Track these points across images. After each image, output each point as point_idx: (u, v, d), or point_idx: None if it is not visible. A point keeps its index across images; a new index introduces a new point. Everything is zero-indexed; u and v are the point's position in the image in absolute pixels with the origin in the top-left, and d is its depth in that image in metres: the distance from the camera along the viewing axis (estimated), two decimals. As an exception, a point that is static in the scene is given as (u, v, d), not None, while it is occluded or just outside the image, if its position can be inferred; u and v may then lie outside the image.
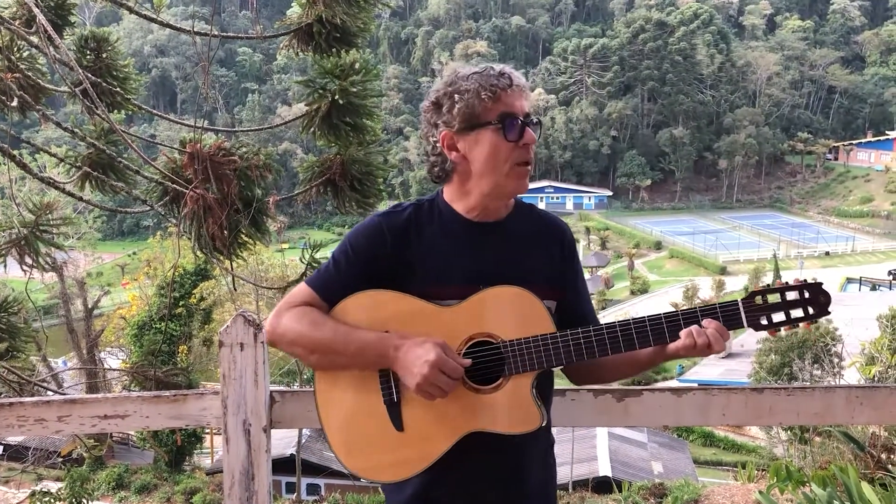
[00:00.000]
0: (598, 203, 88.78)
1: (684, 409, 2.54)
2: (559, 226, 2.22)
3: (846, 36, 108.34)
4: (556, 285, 2.14)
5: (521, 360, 1.98)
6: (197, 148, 4.31)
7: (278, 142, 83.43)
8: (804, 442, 13.80)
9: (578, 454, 20.35)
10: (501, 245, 2.09)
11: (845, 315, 33.84)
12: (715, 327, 1.99)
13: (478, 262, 2.06)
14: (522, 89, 2.03)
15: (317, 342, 2.02)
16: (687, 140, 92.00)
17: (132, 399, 2.66)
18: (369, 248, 2.08)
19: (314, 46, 4.87)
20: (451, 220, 2.10)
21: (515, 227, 2.13)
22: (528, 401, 1.98)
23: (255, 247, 5.02)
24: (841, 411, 2.56)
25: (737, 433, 29.61)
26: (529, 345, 1.98)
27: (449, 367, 1.92)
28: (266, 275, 22.27)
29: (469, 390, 1.99)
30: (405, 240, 2.07)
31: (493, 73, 2.01)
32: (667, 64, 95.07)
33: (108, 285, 44.09)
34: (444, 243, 2.08)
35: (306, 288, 2.11)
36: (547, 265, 2.14)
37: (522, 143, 2.01)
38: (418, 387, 1.93)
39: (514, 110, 2.00)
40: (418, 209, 2.13)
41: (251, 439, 2.60)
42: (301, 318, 2.05)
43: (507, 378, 1.99)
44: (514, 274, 2.04)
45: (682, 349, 2.00)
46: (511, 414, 1.99)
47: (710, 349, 1.97)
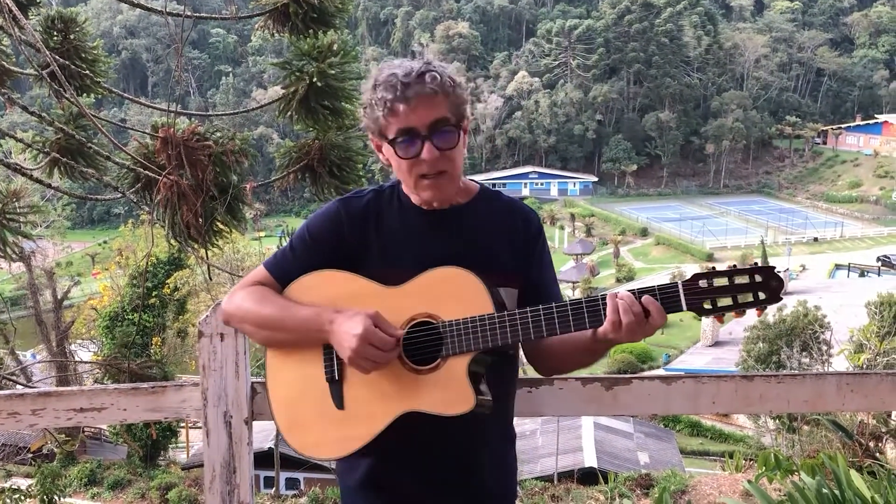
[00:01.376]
0: (583, 189, 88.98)
1: (674, 397, 2.56)
2: (521, 212, 2.22)
3: (835, 17, 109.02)
4: (516, 272, 2.14)
5: (458, 340, 1.98)
6: (170, 133, 4.27)
7: (254, 126, 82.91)
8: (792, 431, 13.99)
9: (563, 445, 20.47)
10: (456, 232, 2.12)
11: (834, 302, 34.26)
12: (647, 302, 1.92)
13: (429, 248, 2.09)
14: (428, 97, 1.98)
15: (262, 318, 2.08)
16: (673, 124, 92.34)
17: (109, 391, 2.65)
18: (326, 233, 2.13)
19: (290, 27, 4.85)
20: (407, 207, 2.14)
21: (474, 215, 2.15)
22: (462, 382, 1.97)
23: (231, 235, 5.00)
24: (831, 398, 2.58)
25: (724, 422, 29.90)
26: (466, 325, 1.98)
27: (377, 338, 1.93)
28: (242, 264, 22.19)
29: (408, 370, 2.01)
30: (363, 226, 2.13)
31: (391, 84, 1.98)
32: (653, 46, 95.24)
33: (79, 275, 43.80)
34: (400, 230, 2.12)
35: (262, 269, 2.17)
36: (505, 252, 2.14)
37: (421, 159, 2.01)
38: (350, 360, 1.96)
39: (410, 124, 1.99)
40: (378, 195, 2.18)
41: (232, 431, 2.60)
42: (251, 296, 2.12)
43: (444, 359, 1.99)
44: (468, 261, 2.04)
45: (609, 330, 1.94)
46: (444, 395, 1.98)
47: (636, 331, 1.92)
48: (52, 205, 35.60)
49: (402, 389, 2.01)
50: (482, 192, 2.21)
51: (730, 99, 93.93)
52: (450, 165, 2.04)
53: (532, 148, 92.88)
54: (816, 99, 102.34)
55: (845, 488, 3.51)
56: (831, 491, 3.55)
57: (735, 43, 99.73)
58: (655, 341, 40.90)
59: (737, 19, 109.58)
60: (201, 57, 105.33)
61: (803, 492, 3.55)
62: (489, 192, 2.23)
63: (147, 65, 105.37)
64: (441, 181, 2.04)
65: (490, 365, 2.06)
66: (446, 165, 2.03)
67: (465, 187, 2.19)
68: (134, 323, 22.53)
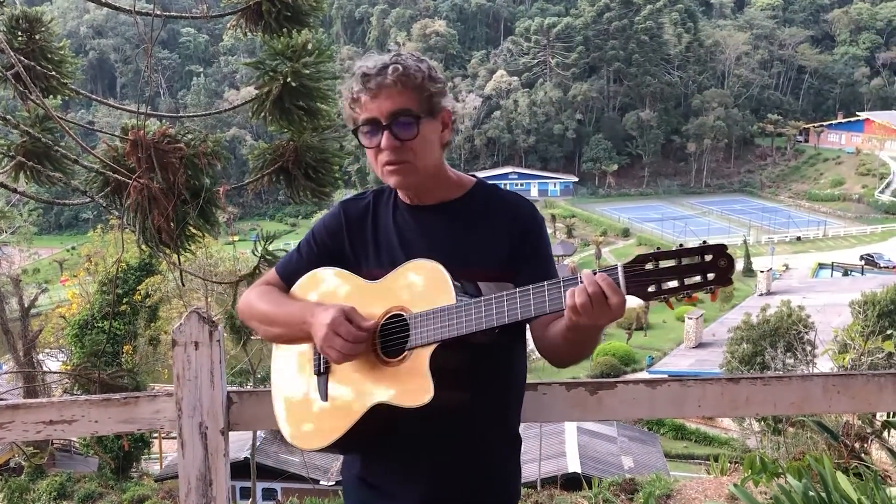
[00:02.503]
0: (563, 189, 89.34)
1: (659, 401, 2.57)
2: (515, 204, 2.23)
3: (815, 14, 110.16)
4: (507, 267, 2.14)
5: (422, 332, 2.02)
6: (140, 135, 4.24)
7: (226, 127, 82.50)
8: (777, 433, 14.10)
9: (546, 450, 20.51)
10: (442, 227, 2.18)
11: (818, 301, 34.62)
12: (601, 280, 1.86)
13: (417, 245, 2.17)
14: (390, 87, 2.06)
15: (262, 314, 2.26)
16: (654, 123, 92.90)
17: (79, 403, 2.62)
18: (327, 235, 2.29)
19: (263, 26, 4.82)
20: (400, 205, 2.24)
21: (463, 209, 2.20)
22: (422, 373, 1.99)
23: (204, 239, 4.97)
24: (818, 401, 2.60)
25: (709, 425, 30.09)
26: (428, 316, 2.02)
27: (343, 329, 2.01)
28: (216, 269, 22.04)
29: (381, 363, 2.08)
30: (360, 226, 2.26)
31: (359, 76, 2.09)
32: (633, 44, 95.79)
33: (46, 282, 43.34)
34: (392, 229, 2.22)
35: (272, 271, 2.36)
36: (495, 246, 2.16)
37: (381, 148, 2.10)
38: (321, 350, 2.08)
39: (371, 115, 2.09)
40: (378, 196, 2.30)
41: (208, 443, 2.58)
42: (257, 294, 2.30)
43: (411, 351, 2.04)
44: (455, 255, 2.10)
45: (571, 315, 1.89)
46: (406, 386, 2.02)
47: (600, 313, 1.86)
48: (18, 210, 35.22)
49: (374, 382, 2.07)
50: (477, 187, 2.26)
51: (711, 97, 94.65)
52: (412, 155, 2.10)
53: (511, 148, 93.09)
54: (798, 96, 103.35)
55: (832, 490, 3.53)
56: (818, 493, 3.57)
57: (715, 40, 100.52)
58: (638, 343, 41.12)
59: (717, 16, 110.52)
60: (171, 57, 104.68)
61: (790, 495, 3.57)
62: (485, 186, 2.28)
63: (115, 65, 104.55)
64: (404, 169, 2.11)
65: (470, 359, 2.06)
66: (407, 155, 2.10)
67: (457, 182, 2.25)
68: (104, 331, 22.35)
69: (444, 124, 2.18)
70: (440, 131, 2.18)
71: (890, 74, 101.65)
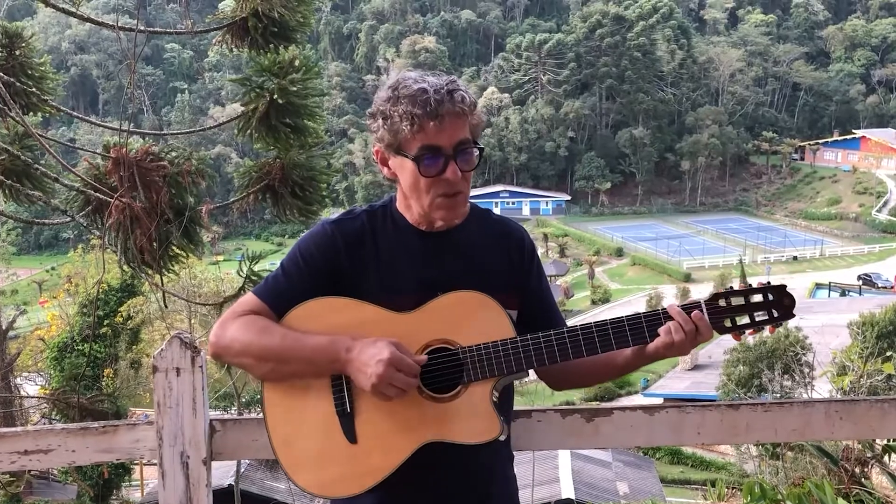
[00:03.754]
0: (555, 208, 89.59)
1: (657, 427, 2.55)
2: (517, 231, 2.26)
3: (810, 31, 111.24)
4: (515, 293, 2.18)
5: (480, 366, 2.01)
6: (122, 153, 4.22)
7: (211, 145, 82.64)
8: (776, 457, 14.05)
9: (539, 475, 20.40)
10: (456, 254, 2.14)
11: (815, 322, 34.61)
12: (697, 318, 2.05)
13: (432, 272, 2.11)
14: (456, 116, 2.02)
15: (267, 350, 2.05)
16: (648, 141, 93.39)
17: (56, 432, 2.58)
18: (320, 257, 2.12)
19: (250, 42, 4.84)
20: (404, 228, 2.15)
21: (470, 235, 2.18)
22: (488, 409, 2.01)
23: (188, 259, 4.95)
24: (820, 427, 2.58)
25: (706, 450, 30.03)
26: (489, 350, 2.01)
27: (405, 364, 1.95)
28: (199, 290, 21.96)
29: (425, 399, 2.02)
30: (358, 248, 2.13)
31: (421, 99, 1.99)
32: (625, 60, 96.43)
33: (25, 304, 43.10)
34: (398, 253, 2.13)
35: (253, 297, 2.14)
36: (505, 272, 2.18)
37: (444, 178, 2.03)
38: (374, 387, 1.95)
39: (437, 142, 2.01)
40: (372, 216, 2.18)
41: (190, 473, 2.54)
42: (249, 327, 2.08)
43: (466, 386, 2.02)
44: (471, 283, 2.08)
45: (661, 348, 2.07)
46: (469, 423, 2.01)
47: (686, 347, 2.05)
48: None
49: (420, 419, 2.02)
50: (473, 211, 2.23)
51: (705, 114, 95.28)
52: (466, 187, 2.10)
53: (503, 166, 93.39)
54: (793, 114, 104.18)
55: (834, 518, 3.51)
56: (820, 522, 3.55)
57: (709, 57, 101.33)
58: (633, 366, 41.02)
59: (711, 33, 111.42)
60: (155, 73, 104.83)
61: (791, 523, 3.55)
62: (479, 210, 2.26)
63: (98, 81, 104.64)
64: (457, 202, 2.08)
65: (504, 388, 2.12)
66: (464, 187, 2.08)
67: None
68: (84, 354, 22.19)
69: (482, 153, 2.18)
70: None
71: (886, 91, 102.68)
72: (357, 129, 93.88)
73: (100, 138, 6.53)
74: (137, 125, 45.06)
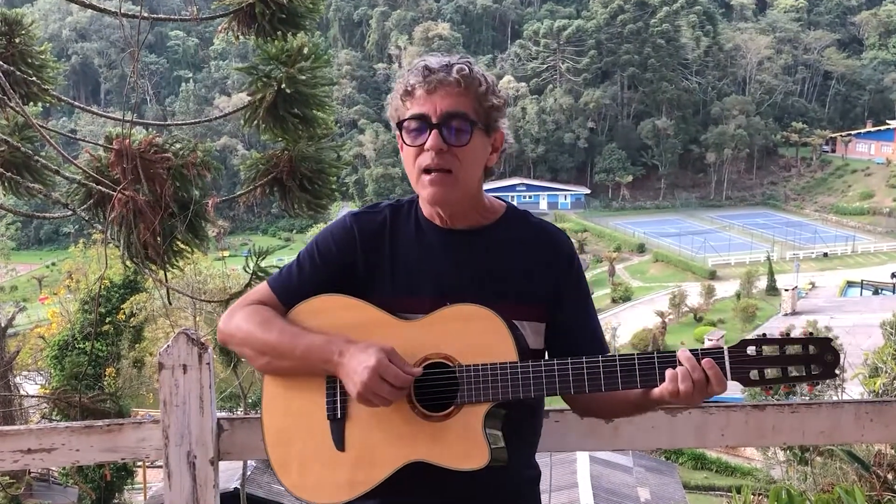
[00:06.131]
0: (574, 202, 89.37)
1: (680, 429, 2.55)
2: (554, 238, 2.17)
3: (842, 17, 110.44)
4: (543, 305, 2.10)
5: (476, 388, 1.95)
6: (125, 144, 4.25)
7: (217, 136, 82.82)
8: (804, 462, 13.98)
9: (557, 481, 20.41)
10: (479, 257, 2.08)
11: (847, 322, 34.51)
12: (709, 367, 1.93)
13: (448, 274, 2.06)
14: (449, 85, 1.98)
15: (265, 343, 2.06)
16: (671, 132, 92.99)
17: (60, 430, 2.61)
18: (337, 252, 2.11)
19: (257, 29, 4.85)
20: (425, 226, 2.11)
21: (500, 238, 2.11)
22: (477, 435, 1.95)
23: (193, 255, 4.98)
24: (849, 429, 2.58)
25: (731, 454, 29.92)
26: (486, 372, 1.95)
27: (391, 374, 1.90)
28: (205, 286, 22.05)
29: (418, 415, 1.98)
30: (377, 245, 2.10)
31: (418, 68, 1.99)
32: (648, 48, 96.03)
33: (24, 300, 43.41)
34: (417, 251, 2.09)
35: (265, 287, 2.16)
36: (532, 282, 2.10)
37: (426, 148, 1.98)
38: (359, 395, 1.93)
39: (423, 110, 1.97)
40: (396, 211, 2.15)
41: (196, 473, 2.56)
42: (252, 317, 2.09)
43: (459, 407, 1.97)
44: (489, 289, 2.03)
45: (666, 396, 1.95)
46: (456, 447, 1.96)
47: (695, 398, 1.93)
48: (-5, 224, 35.34)
49: (410, 435, 1.98)
50: (508, 213, 2.17)
51: (731, 104, 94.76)
52: (456, 165, 2.00)
53: (519, 158, 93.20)
54: (824, 104, 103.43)
55: (865, 526, 3.50)
56: (850, 529, 3.54)
57: (736, 44, 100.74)
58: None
59: (738, 19, 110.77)
60: (159, 62, 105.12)
61: (820, 530, 3.54)
62: (516, 212, 2.20)
63: (100, 70, 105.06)
64: (445, 180, 2.00)
65: (510, 416, 2.03)
66: (452, 164, 2.00)
67: (489, 206, 2.16)
68: (85, 352, 22.32)
69: (495, 147, 2.11)
70: (489, 152, 2.10)
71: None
72: (368, 119, 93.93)
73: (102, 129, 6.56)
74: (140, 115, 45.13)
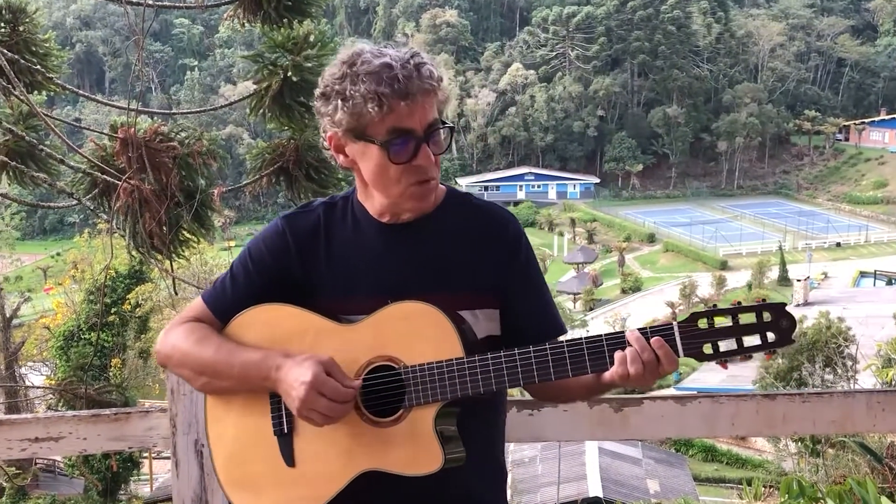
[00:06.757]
0: (583, 191, 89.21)
1: (689, 418, 2.56)
2: (500, 219, 2.09)
3: (856, 3, 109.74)
4: (494, 291, 2.03)
5: (423, 389, 1.90)
6: (130, 133, 4.26)
7: (222, 125, 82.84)
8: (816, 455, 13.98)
9: (566, 473, 20.45)
10: (420, 248, 2.01)
11: (859, 312, 34.41)
12: (658, 347, 1.87)
13: (389, 271, 2.00)
14: (426, 94, 1.88)
15: (201, 362, 1.98)
16: (682, 120, 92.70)
17: (67, 419, 2.63)
18: (270, 258, 2.04)
19: (262, 16, 4.84)
20: (364, 222, 2.04)
21: (441, 225, 2.04)
22: (429, 437, 1.90)
23: (199, 245, 4.99)
24: (861, 419, 2.58)
25: (741, 446, 29.93)
26: (433, 371, 1.90)
27: (328, 388, 1.83)
28: (210, 276, 22.12)
29: (366, 422, 1.93)
30: (312, 246, 2.04)
31: (387, 76, 1.84)
32: (659, 35, 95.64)
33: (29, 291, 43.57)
34: (355, 249, 2.03)
35: (200, 302, 2.08)
36: (480, 268, 2.02)
37: (416, 164, 1.91)
38: (297, 412, 1.87)
39: (407, 125, 1.87)
40: (330, 209, 2.08)
41: (204, 462, 2.58)
42: (188, 336, 2.01)
43: (408, 410, 1.91)
44: (434, 281, 1.98)
45: (616, 379, 1.89)
46: (408, 452, 1.91)
47: (646, 378, 1.87)
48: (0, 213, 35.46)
49: (362, 445, 1.93)
50: (449, 197, 2.09)
51: (743, 92, 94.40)
52: (438, 172, 1.97)
53: (528, 147, 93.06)
54: (837, 91, 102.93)
55: (876, 517, 3.51)
56: (861, 520, 3.55)
57: (748, 31, 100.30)
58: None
59: (750, 5, 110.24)
60: (164, 50, 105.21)
61: (830, 521, 3.55)
62: (457, 195, 2.12)
63: (104, 59, 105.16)
64: (430, 188, 1.96)
65: (463, 412, 1.97)
66: (436, 172, 1.96)
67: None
68: (91, 343, 22.44)
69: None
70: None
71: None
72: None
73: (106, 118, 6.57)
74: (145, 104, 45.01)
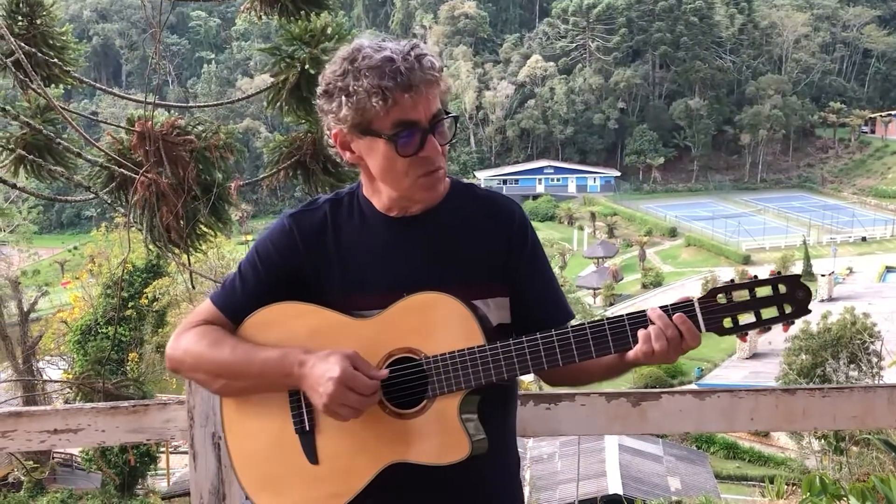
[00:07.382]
0: (604, 185, 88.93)
1: (708, 413, 2.56)
2: (505, 209, 2.12)
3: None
4: (503, 280, 2.07)
5: (446, 378, 1.93)
6: (147, 126, 4.29)
7: (239, 119, 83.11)
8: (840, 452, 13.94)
9: (585, 469, 20.44)
10: (429, 241, 2.04)
11: (885, 308, 34.19)
12: (681, 323, 1.92)
13: (401, 265, 2.02)
14: (428, 85, 1.91)
15: (218, 365, 2.00)
16: (704, 112, 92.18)
17: (86, 411, 2.66)
18: (278, 257, 2.06)
19: (279, 9, 4.87)
20: (371, 217, 2.06)
21: (448, 217, 2.07)
22: (455, 426, 1.92)
23: (216, 239, 5.02)
24: (883, 414, 2.57)
25: (764, 444, 29.82)
26: (455, 360, 1.93)
27: (358, 382, 1.87)
28: (228, 270, 22.20)
29: (389, 415, 1.95)
30: (320, 244, 2.06)
31: (389, 69, 1.86)
32: (681, 26, 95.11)
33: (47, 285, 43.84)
34: (364, 245, 2.05)
35: (209, 304, 2.09)
36: (489, 258, 2.06)
37: (423, 155, 1.93)
38: (325, 407, 1.88)
39: (412, 117, 1.90)
40: (336, 205, 2.10)
41: (221, 454, 2.60)
42: (201, 339, 2.03)
43: (432, 400, 1.94)
44: (446, 273, 2.00)
45: (640, 357, 1.94)
46: (434, 442, 1.93)
47: (669, 356, 1.93)
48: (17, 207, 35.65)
49: (386, 437, 1.95)
50: (454, 189, 2.11)
51: (767, 84, 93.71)
52: (444, 161, 2.00)
53: (547, 140, 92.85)
54: (863, 83, 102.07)
55: (899, 514, 3.50)
56: (884, 517, 3.54)
57: (772, 21, 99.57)
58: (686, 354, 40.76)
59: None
60: (180, 43, 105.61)
61: (852, 518, 3.54)
62: (461, 186, 2.14)
63: (121, 52, 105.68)
64: (438, 178, 1.99)
65: (482, 399, 2.00)
66: (443, 162, 1.99)
67: None
68: (108, 337, 22.56)
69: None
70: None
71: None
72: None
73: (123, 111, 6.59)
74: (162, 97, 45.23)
